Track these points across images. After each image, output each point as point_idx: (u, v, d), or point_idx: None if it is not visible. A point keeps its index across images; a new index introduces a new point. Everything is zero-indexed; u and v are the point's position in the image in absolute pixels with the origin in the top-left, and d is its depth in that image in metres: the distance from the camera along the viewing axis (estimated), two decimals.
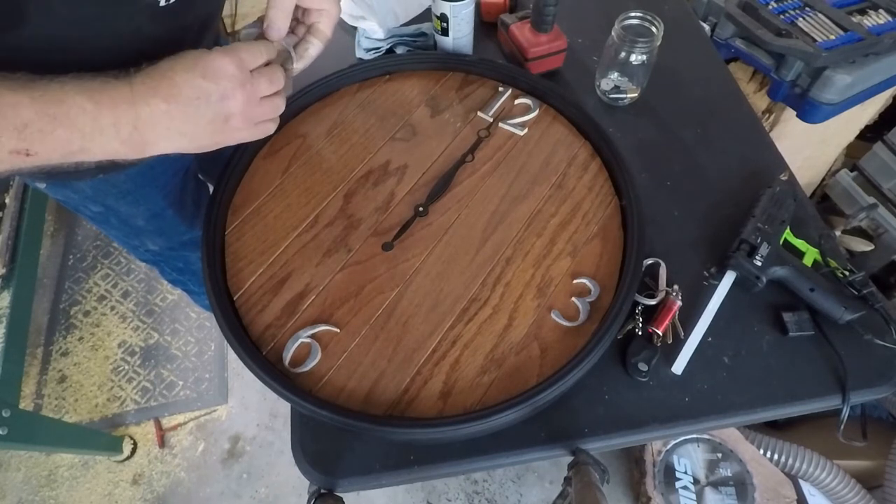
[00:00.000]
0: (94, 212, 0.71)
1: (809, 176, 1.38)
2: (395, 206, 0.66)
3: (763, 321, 0.60)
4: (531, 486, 1.29)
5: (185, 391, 1.46)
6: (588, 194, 0.67)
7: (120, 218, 0.73)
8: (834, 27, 0.97)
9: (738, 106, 0.80)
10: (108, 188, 0.63)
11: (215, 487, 1.33)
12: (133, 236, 0.83)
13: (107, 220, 0.74)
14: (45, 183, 0.63)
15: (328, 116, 0.74)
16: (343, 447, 0.55)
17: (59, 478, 1.36)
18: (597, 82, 0.79)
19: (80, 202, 0.68)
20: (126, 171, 0.62)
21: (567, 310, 0.58)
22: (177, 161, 0.71)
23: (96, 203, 0.68)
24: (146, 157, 0.41)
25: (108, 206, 0.68)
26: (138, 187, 0.66)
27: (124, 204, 0.68)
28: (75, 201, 0.68)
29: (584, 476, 0.49)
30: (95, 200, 0.67)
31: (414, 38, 0.85)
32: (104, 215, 0.72)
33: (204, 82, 0.40)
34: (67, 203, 0.70)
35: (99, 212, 0.70)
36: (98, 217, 0.73)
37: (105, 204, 0.68)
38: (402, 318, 0.58)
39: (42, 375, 1.50)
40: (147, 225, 0.77)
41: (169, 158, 0.65)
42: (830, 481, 1.03)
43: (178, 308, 1.59)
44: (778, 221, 0.63)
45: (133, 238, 0.83)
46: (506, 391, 0.53)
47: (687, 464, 1.10)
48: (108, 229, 0.80)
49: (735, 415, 0.56)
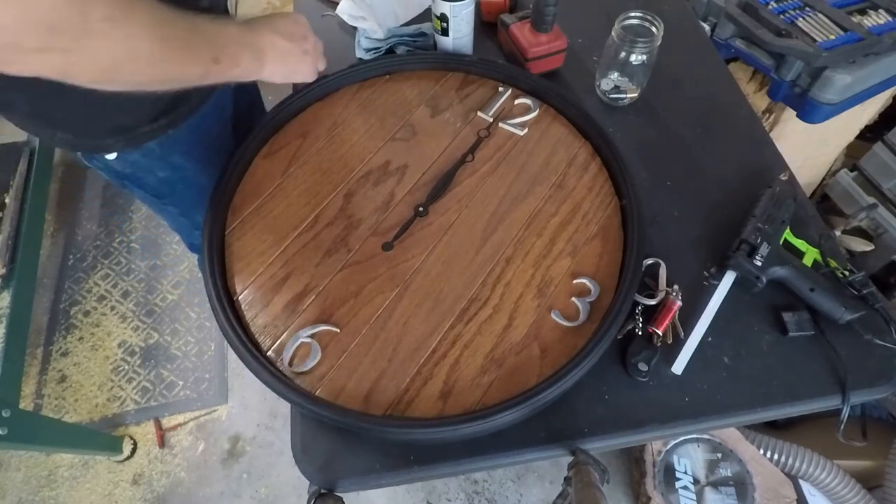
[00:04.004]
0: (161, 178, 0.73)
1: (809, 176, 1.38)
2: (395, 206, 0.66)
3: (763, 321, 0.60)
4: (531, 486, 1.29)
5: (185, 391, 1.46)
6: (588, 194, 0.67)
7: (186, 179, 0.75)
8: (834, 27, 0.97)
9: (738, 106, 0.80)
10: (172, 144, 0.69)
11: (215, 487, 1.33)
12: (198, 203, 0.80)
13: (173, 187, 0.75)
14: (116, 153, 0.65)
15: (328, 116, 0.74)
16: (343, 447, 0.55)
17: (59, 478, 1.36)
18: (597, 82, 0.79)
19: (149, 167, 0.70)
20: (186, 121, 0.68)
21: (567, 310, 0.58)
22: (222, 112, 0.78)
23: (164, 164, 0.71)
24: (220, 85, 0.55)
25: (174, 165, 0.72)
26: (196, 140, 0.72)
27: (189, 159, 0.73)
28: (143, 168, 0.70)
29: (584, 476, 0.49)
30: (163, 160, 0.70)
31: (414, 38, 0.85)
32: (170, 180, 0.74)
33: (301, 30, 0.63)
34: (134, 175, 0.71)
35: (165, 177, 0.73)
36: (164, 184, 0.74)
37: (172, 163, 0.72)
38: (402, 318, 0.58)
39: (42, 375, 1.50)
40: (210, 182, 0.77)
41: (215, 110, 0.74)
42: (830, 481, 1.03)
43: (178, 308, 1.59)
44: (778, 221, 0.63)
45: (198, 205, 0.81)
46: (506, 391, 0.53)
47: (687, 464, 1.10)
48: (173, 199, 0.78)
49: (735, 415, 0.56)
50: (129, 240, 1.73)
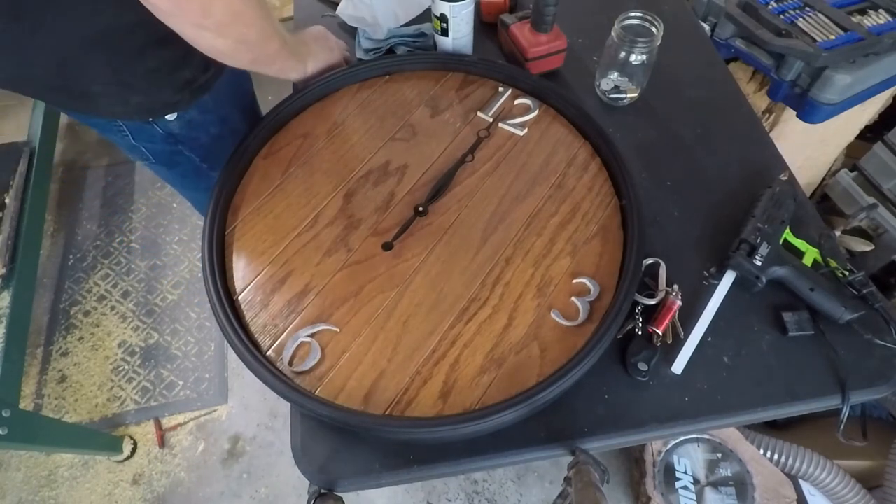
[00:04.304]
0: (212, 134, 0.77)
1: (809, 176, 1.37)
2: (395, 206, 0.66)
3: (763, 321, 0.60)
4: (531, 486, 1.29)
5: (185, 391, 1.46)
6: (588, 194, 0.67)
7: (234, 132, 0.79)
8: (834, 27, 0.97)
9: (738, 106, 0.80)
10: (219, 97, 0.74)
11: (215, 487, 1.33)
12: None
13: (223, 143, 0.78)
14: (175, 112, 0.70)
15: (328, 116, 0.74)
16: (343, 447, 0.55)
17: (59, 478, 1.36)
18: (597, 82, 0.79)
19: (203, 124, 0.75)
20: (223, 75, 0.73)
21: (567, 309, 0.58)
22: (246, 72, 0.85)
23: (215, 118, 0.76)
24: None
25: (224, 117, 0.78)
26: (234, 91, 0.79)
27: (235, 110, 0.80)
28: (198, 125, 0.75)
29: (584, 476, 0.49)
30: (215, 113, 0.76)
31: (414, 39, 0.85)
32: (221, 135, 0.78)
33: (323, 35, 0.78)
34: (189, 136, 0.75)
35: (216, 132, 0.78)
36: (215, 141, 0.78)
37: (222, 115, 0.77)
38: (402, 318, 0.58)
39: (42, 375, 1.50)
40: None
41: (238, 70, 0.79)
42: (830, 481, 1.03)
43: (178, 308, 1.59)
44: (778, 221, 0.63)
45: None
46: (505, 391, 0.53)
47: (687, 464, 1.10)
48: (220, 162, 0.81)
49: (735, 415, 0.56)
50: (129, 240, 1.73)
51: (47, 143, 1.71)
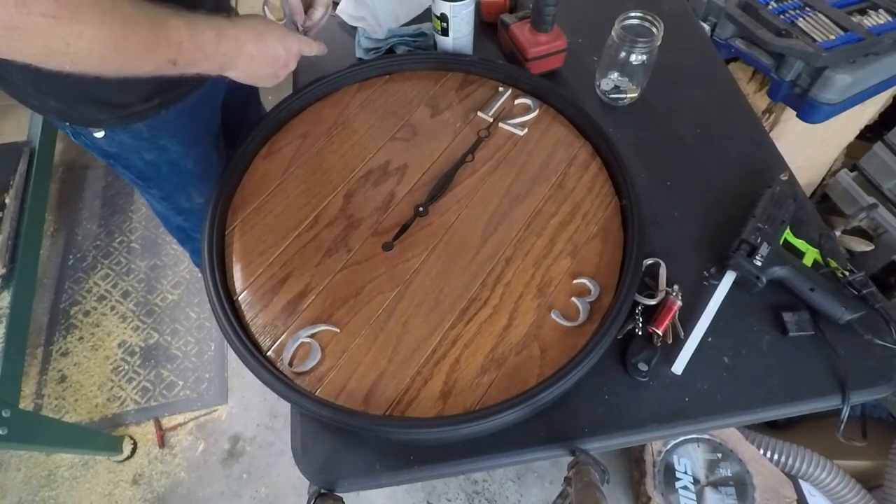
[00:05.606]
0: (146, 160, 0.73)
1: (809, 176, 1.37)
2: (395, 206, 0.66)
3: (763, 321, 0.60)
4: (531, 486, 1.29)
5: (185, 391, 1.46)
6: (588, 194, 0.67)
7: (171, 163, 0.76)
8: (834, 27, 0.97)
9: (738, 106, 0.80)
10: (161, 126, 0.69)
11: (215, 487, 1.33)
12: (181, 187, 0.83)
13: (158, 170, 0.75)
14: (104, 130, 0.66)
15: (328, 116, 0.74)
16: (343, 447, 0.55)
17: (59, 478, 1.36)
18: (597, 82, 0.79)
19: (135, 148, 0.71)
20: (177, 105, 0.69)
21: (567, 310, 0.58)
22: (213, 99, 0.79)
23: (151, 146, 0.71)
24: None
25: (161, 147, 0.72)
26: (184, 125, 0.73)
27: (176, 143, 0.74)
28: (130, 148, 0.70)
29: (584, 476, 0.49)
30: (150, 142, 0.71)
31: (414, 38, 0.85)
32: (156, 163, 0.74)
33: (282, 50, 0.60)
34: (120, 155, 0.71)
35: (151, 159, 0.73)
36: (149, 166, 0.75)
37: (159, 145, 0.72)
38: (402, 318, 0.58)
39: (42, 375, 1.50)
40: (195, 167, 0.79)
41: (207, 96, 0.74)
42: (830, 481, 1.03)
43: (178, 308, 1.59)
44: (778, 221, 0.63)
45: (181, 190, 0.84)
46: (506, 391, 0.53)
47: (687, 464, 1.10)
48: (157, 182, 0.79)
49: (735, 415, 0.56)
50: (129, 240, 1.73)
51: (47, 143, 1.71)
